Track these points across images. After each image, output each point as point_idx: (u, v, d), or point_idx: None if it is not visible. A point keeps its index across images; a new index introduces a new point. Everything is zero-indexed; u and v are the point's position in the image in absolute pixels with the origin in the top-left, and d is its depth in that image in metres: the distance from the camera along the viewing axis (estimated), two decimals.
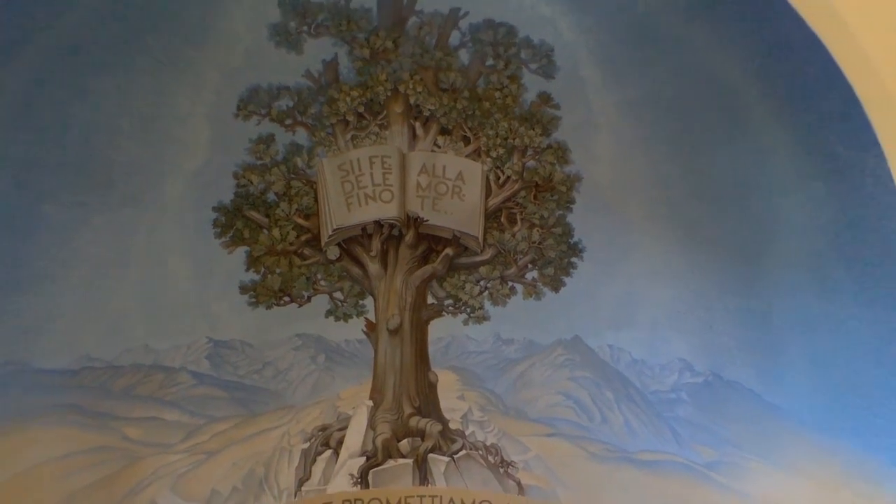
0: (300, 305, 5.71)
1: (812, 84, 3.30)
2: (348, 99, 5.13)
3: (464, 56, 5.02)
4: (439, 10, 4.73)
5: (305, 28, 4.62)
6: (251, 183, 5.24)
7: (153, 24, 3.98)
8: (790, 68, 3.41)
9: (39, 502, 4.22)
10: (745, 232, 4.34)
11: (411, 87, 5.14)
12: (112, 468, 4.73)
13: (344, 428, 6.03)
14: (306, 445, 5.91)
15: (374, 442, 5.99)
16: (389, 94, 5.18)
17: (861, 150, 3.24)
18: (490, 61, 5.00)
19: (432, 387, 6.13)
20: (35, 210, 4.03)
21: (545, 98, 5.10)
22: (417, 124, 5.40)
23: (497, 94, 5.15)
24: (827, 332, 3.87)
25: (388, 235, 5.74)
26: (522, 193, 5.58)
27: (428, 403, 6.11)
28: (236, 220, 5.31)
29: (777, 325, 4.27)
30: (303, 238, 5.59)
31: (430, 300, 6.00)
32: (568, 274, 5.69)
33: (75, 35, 3.66)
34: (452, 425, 6.06)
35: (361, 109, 5.22)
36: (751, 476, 4.49)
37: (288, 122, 5.13)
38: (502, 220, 5.73)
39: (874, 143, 3.18)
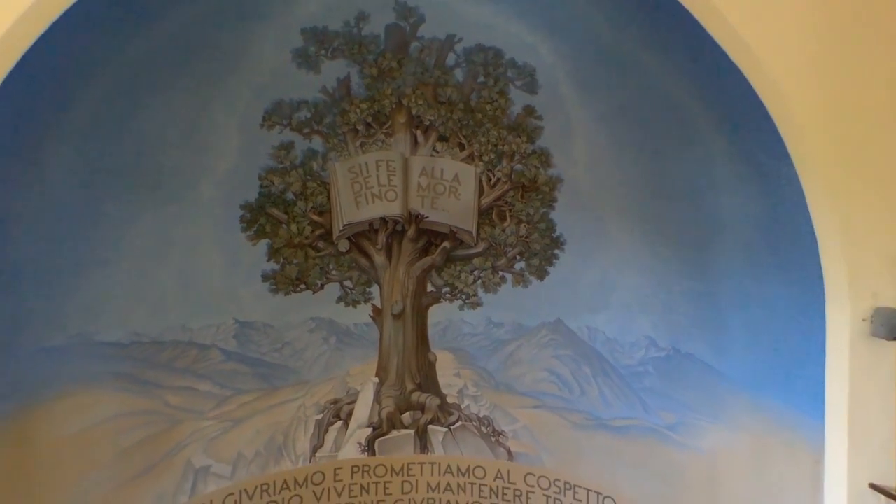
0: (314, 292, 6.33)
1: (738, 105, 4.04)
2: (358, 111, 5.81)
3: (459, 74, 5.69)
4: (437, 37, 5.42)
5: (323, 52, 5.32)
6: (273, 184, 5.90)
7: (198, 51, 4.70)
8: (722, 92, 4.14)
9: (98, 455, 4.94)
10: (697, 226, 5.03)
11: (413, 100, 5.82)
12: (155, 429, 5.42)
13: (353, 402, 6.69)
14: (319, 416, 6.58)
15: (379, 414, 6.69)
16: (394, 106, 5.85)
17: (776, 158, 4.00)
18: (481, 79, 5.69)
19: (431, 365, 6.76)
20: (98, 207, 4.74)
21: (529, 111, 5.78)
22: (418, 132, 6.05)
23: (488, 106, 5.82)
24: (759, 309, 4.61)
25: (392, 230, 6.37)
26: (511, 193, 6.20)
27: (427, 380, 6.75)
28: (260, 217, 5.95)
29: (721, 305, 4.98)
30: (317, 232, 6.21)
31: (429, 288, 6.59)
32: (551, 264, 6.33)
33: (136, 61, 4.38)
34: (449, 399, 6.72)
35: (369, 120, 5.90)
36: (702, 434, 5.20)
37: (306, 130, 5.80)
38: (493, 216, 6.33)
39: (785, 154, 3.95)
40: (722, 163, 4.63)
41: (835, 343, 3.98)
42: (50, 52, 3.59)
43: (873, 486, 3.89)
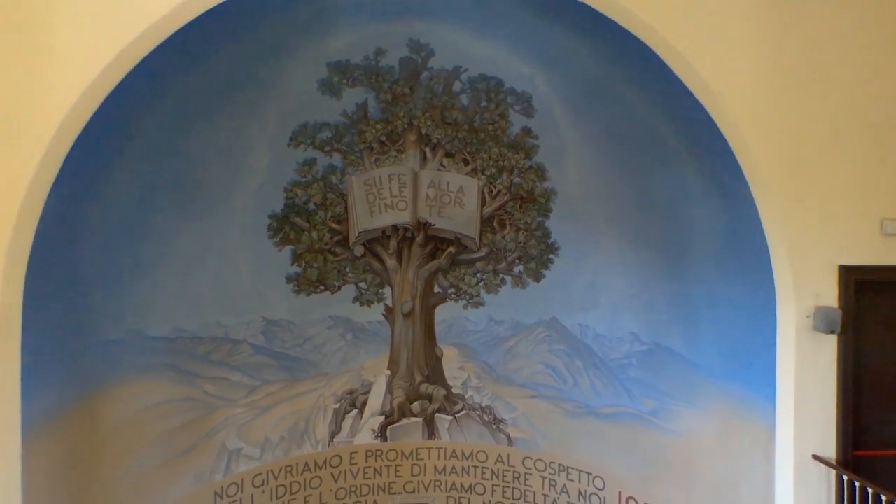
0: (333, 293, 6.97)
1: (703, 134, 4.76)
2: (373, 131, 6.49)
3: (464, 99, 6.38)
4: (445, 67, 6.12)
5: (345, 81, 6.02)
6: (297, 196, 6.58)
7: (238, 83, 5.40)
8: (690, 123, 4.86)
9: (148, 435, 5.65)
10: (673, 235, 5.73)
11: (423, 121, 6.50)
12: (195, 414, 6.10)
13: (367, 392, 7.33)
14: (337, 405, 7.21)
15: (391, 404, 7.35)
16: (406, 126, 6.53)
17: (736, 180, 4.73)
18: (484, 103, 6.37)
19: (438, 359, 7.40)
20: (149, 219, 5.44)
21: (527, 131, 6.46)
22: (427, 149, 6.72)
23: (490, 127, 6.51)
24: (725, 308, 5.32)
25: (403, 237, 7.01)
26: (510, 204, 6.86)
27: (434, 373, 7.40)
28: (285, 225, 6.62)
29: (694, 304, 5.67)
30: (335, 239, 6.86)
31: (436, 289, 7.22)
32: (547, 267, 6.98)
33: (186, 94, 5.09)
34: (455, 390, 7.35)
35: (384, 138, 6.57)
36: (679, 418, 5.90)
37: (327, 148, 6.47)
38: (494, 224, 6.97)
39: (742, 176, 4.66)
40: (693, 181, 5.35)
41: (783, 336, 4.72)
42: (122, 93, 4.33)
43: (816, 458, 4.63)
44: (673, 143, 5.33)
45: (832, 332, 4.56)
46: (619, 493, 6.51)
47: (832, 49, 4.59)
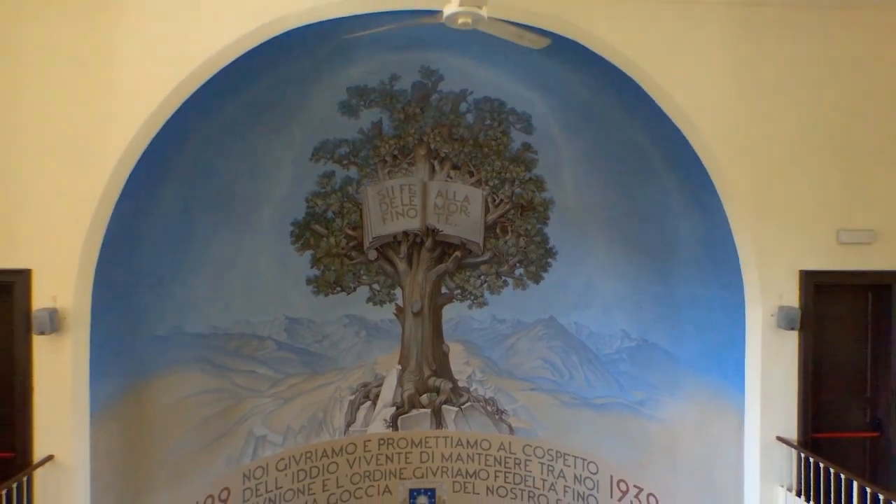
0: (348, 294, 7.62)
1: (681, 154, 5.43)
2: (387, 146, 7.17)
3: (469, 118, 7.05)
4: (453, 90, 6.79)
5: (362, 103, 6.70)
6: (316, 205, 7.26)
7: (270, 107, 6.08)
8: (670, 144, 5.52)
9: (186, 421, 6.33)
10: (659, 242, 6.40)
11: (432, 137, 7.17)
12: (227, 404, 6.76)
13: (379, 385, 7.96)
14: (352, 397, 7.86)
15: (401, 396, 7.98)
16: (416, 142, 7.19)
17: (709, 194, 5.41)
18: (488, 122, 7.04)
19: (445, 355, 8.00)
20: (190, 228, 6.14)
21: (526, 147, 7.13)
22: (435, 162, 7.37)
23: (493, 142, 7.17)
24: (704, 308, 6.00)
25: (413, 242, 7.66)
26: (512, 212, 7.49)
27: (442, 367, 8.00)
28: (305, 232, 7.29)
29: (677, 304, 6.33)
30: (351, 244, 7.52)
31: (443, 290, 7.84)
32: (545, 270, 7.62)
33: (226, 118, 5.77)
34: (460, 383, 7.98)
35: (396, 153, 7.24)
36: (664, 407, 6.57)
37: (345, 162, 7.15)
38: (497, 231, 7.61)
39: (714, 192, 5.34)
40: (674, 195, 6.03)
41: (751, 333, 5.41)
42: (173, 121, 5.04)
43: (780, 439, 5.32)
44: (656, 161, 6.01)
45: (793, 328, 5.26)
46: (611, 476, 7.18)
47: (790, 82, 5.29)
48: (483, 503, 7.97)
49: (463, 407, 8.00)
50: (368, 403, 7.94)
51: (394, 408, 7.95)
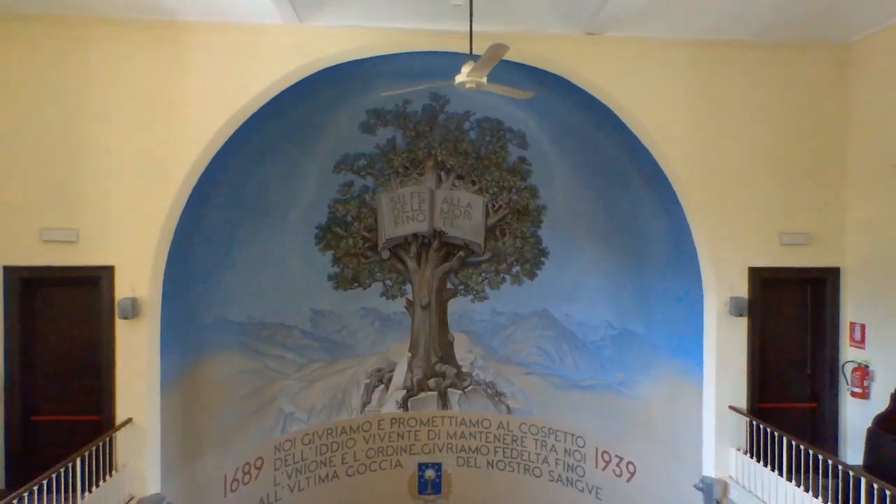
0: (364, 289, 8.71)
1: (651, 169, 6.55)
2: (400, 159, 8.30)
3: (472, 135, 8.18)
4: (457, 111, 7.93)
5: (379, 123, 7.85)
6: (337, 210, 8.37)
7: (301, 128, 7.23)
8: (641, 161, 6.68)
9: (229, 397, 7.43)
10: (636, 244, 7.53)
11: (439, 151, 8.29)
12: (260, 384, 7.87)
13: (392, 370, 9.04)
14: (368, 381, 8.94)
15: (411, 380, 9.08)
16: (425, 155, 8.32)
17: (674, 203, 6.53)
18: (488, 138, 8.18)
19: (450, 344, 9.08)
20: (233, 231, 7.28)
21: (522, 160, 8.27)
22: (442, 173, 8.49)
23: (492, 156, 8.30)
24: (671, 299, 7.12)
25: (421, 243, 8.75)
26: (509, 216, 8.59)
27: (447, 354, 9.09)
28: (327, 234, 8.40)
29: (651, 297, 7.46)
30: (367, 245, 8.61)
31: (448, 286, 8.92)
32: (539, 268, 8.71)
33: (266, 137, 6.91)
34: (463, 369, 9.05)
35: (407, 164, 8.36)
36: (640, 387, 7.69)
37: (362, 173, 8.28)
38: (497, 233, 8.69)
39: (678, 201, 6.50)
40: (647, 204, 7.18)
41: (708, 319, 6.55)
42: (228, 141, 6.21)
43: (732, 408, 6.45)
44: (632, 175, 7.16)
45: (742, 315, 6.41)
46: (597, 448, 8.30)
47: (740, 111, 6.45)
48: (484, 476, 9.04)
49: (466, 390, 9.08)
50: (382, 386, 9.02)
51: (404, 390, 9.03)
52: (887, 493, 4.57)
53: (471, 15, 4.68)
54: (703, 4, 5.58)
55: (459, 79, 4.07)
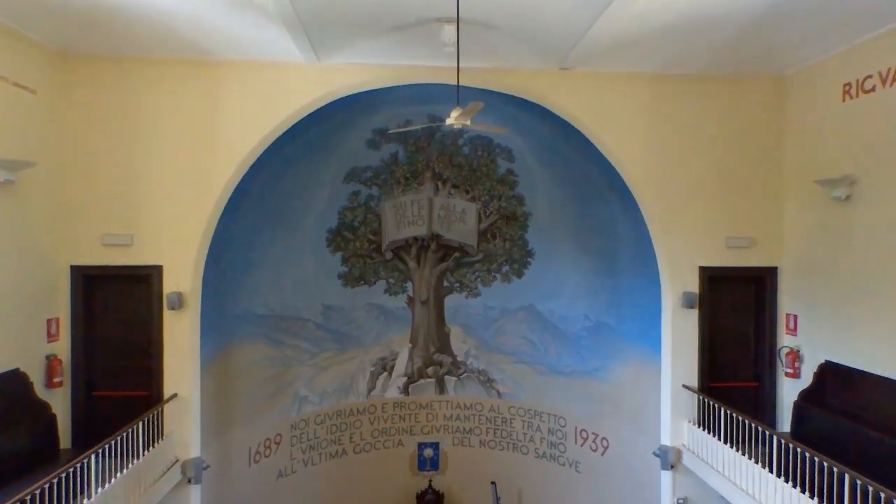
0: (370, 286, 9.92)
1: (617, 182, 7.78)
2: (401, 171, 9.52)
3: (466, 149, 9.41)
4: (453, 130, 9.06)
5: (383, 140, 9.14)
6: (346, 216, 9.59)
7: (316, 147, 8.47)
8: (609, 174, 7.93)
9: (253, 381, 8.69)
10: (608, 247, 8.76)
11: (437, 164, 9.52)
12: (279, 369, 9.11)
13: (394, 359, 10.24)
14: (373, 369, 10.14)
15: (412, 368, 10.26)
16: (424, 167, 9.54)
17: (636, 212, 7.75)
18: (480, 152, 9.41)
19: (447, 335, 10.26)
20: (257, 235, 8.56)
21: (510, 171, 9.49)
22: (439, 183, 9.70)
23: (484, 168, 9.52)
24: (637, 295, 8.36)
25: (421, 245, 9.93)
26: (499, 221, 9.79)
27: (444, 345, 10.28)
28: (337, 237, 9.62)
29: (621, 293, 8.68)
30: (372, 247, 9.82)
31: (445, 283, 10.09)
32: (526, 268, 9.90)
33: (286, 155, 8.19)
34: (459, 358, 10.23)
35: (408, 175, 9.58)
36: (612, 372, 8.90)
37: (368, 183, 9.50)
38: (488, 236, 9.88)
39: (639, 210, 7.74)
40: (616, 212, 8.42)
41: (665, 311, 7.80)
42: (258, 159, 7.47)
43: (685, 387, 7.68)
44: (603, 187, 8.40)
45: (693, 307, 7.66)
46: (576, 427, 9.51)
47: (692, 134, 7.69)
48: (477, 454, 10.24)
49: (461, 377, 10.28)
50: (385, 374, 10.21)
51: (405, 377, 10.22)
52: (814, 457, 5.32)
53: (458, 56, 5.90)
54: (656, 46, 6.79)
55: (449, 121, 5.33)
